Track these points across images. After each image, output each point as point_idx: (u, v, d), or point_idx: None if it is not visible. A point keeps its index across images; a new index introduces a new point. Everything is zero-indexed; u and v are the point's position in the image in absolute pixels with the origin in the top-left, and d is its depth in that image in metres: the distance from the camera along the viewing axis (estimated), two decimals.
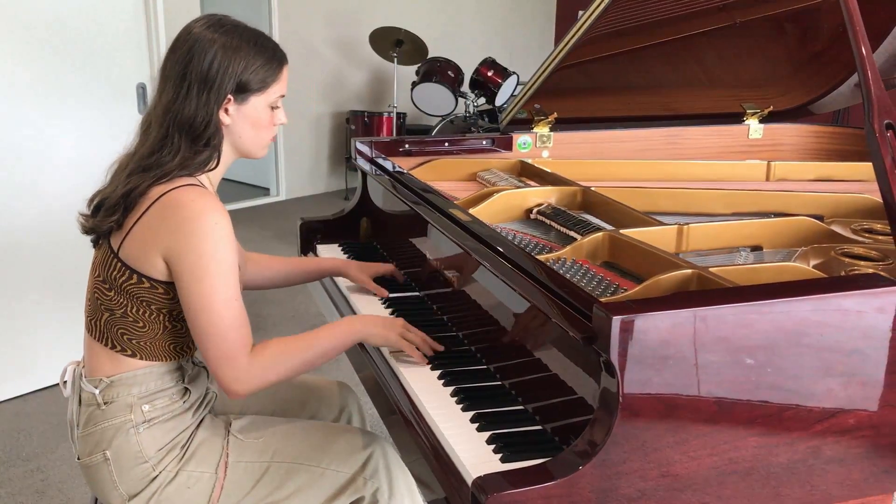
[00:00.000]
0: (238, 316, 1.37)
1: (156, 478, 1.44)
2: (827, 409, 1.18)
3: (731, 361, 1.11)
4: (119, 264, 1.42)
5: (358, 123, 5.99)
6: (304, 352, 1.45)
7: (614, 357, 1.05)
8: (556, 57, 2.19)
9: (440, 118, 5.68)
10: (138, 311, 1.43)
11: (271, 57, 1.45)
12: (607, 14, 2.10)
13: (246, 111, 1.45)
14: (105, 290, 1.44)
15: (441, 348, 1.55)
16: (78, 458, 1.50)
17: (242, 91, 1.43)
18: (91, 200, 1.50)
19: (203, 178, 1.46)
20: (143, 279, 1.41)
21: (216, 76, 1.40)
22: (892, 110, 1.30)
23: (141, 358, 1.45)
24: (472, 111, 5.66)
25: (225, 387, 1.38)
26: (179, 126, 1.41)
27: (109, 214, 1.42)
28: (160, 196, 1.38)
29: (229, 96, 1.41)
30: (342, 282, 2.01)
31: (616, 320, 1.04)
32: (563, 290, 1.21)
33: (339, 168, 6.59)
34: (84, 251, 2.95)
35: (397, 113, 5.89)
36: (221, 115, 1.43)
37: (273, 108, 1.48)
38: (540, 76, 2.27)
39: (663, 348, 1.07)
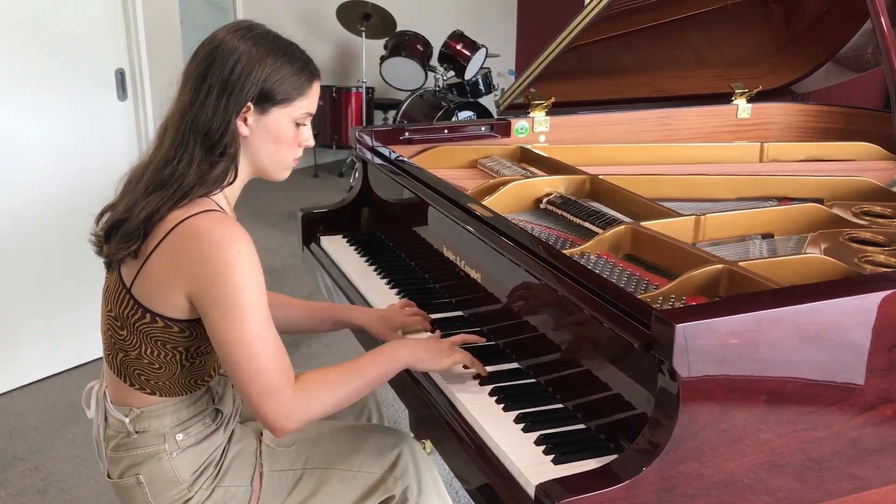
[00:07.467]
0: (274, 347, 1.29)
1: (191, 498, 1.42)
2: (868, 401, 1.22)
3: (782, 362, 1.14)
4: (132, 302, 1.34)
5: (326, 99, 5.91)
6: (349, 382, 1.37)
7: (676, 363, 1.07)
8: (559, 44, 2.20)
9: (409, 92, 5.64)
10: (153, 352, 1.36)
11: (300, 70, 1.37)
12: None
13: (267, 124, 1.36)
14: (118, 329, 1.37)
15: (486, 372, 1.48)
16: (108, 476, 1.47)
17: (264, 101, 1.34)
18: (100, 216, 1.40)
19: (220, 196, 1.39)
20: (157, 318, 1.33)
21: (237, 81, 1.31)
22: None
23: (162, 395, 1.40)
24: (441, 85, 5.63)
25: (271, 425, 1.29)
26: (195, 132, 1.32)
27: (127, 241, 1.32)
28: (177, 224, 1.29)
29: (249, 104, 1.33)
30: (350, 272, 2.02)
31: (679, 328, 1.06)
32: (613, 296, 1.22)
33: None
34: (65, 242, 2.91)
35: (366, 88, 5.82)
36: (240, 124, 1.35)
37: (298, 124, 1.40)
38: (542, 63, 2.27)
39: (721, 352, 1.10)
